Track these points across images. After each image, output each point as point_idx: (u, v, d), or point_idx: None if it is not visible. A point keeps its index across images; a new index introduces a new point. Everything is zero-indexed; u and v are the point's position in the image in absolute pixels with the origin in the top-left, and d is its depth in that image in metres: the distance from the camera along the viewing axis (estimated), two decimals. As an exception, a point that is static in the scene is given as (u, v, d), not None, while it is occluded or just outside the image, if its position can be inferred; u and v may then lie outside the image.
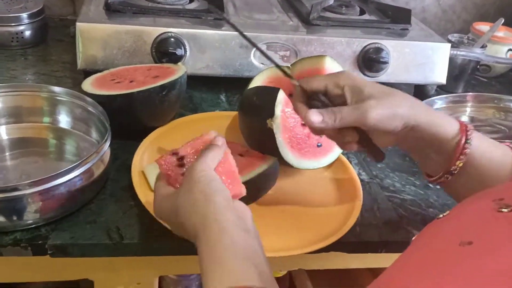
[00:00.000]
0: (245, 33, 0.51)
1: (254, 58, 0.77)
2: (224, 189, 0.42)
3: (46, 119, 0.64)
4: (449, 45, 0.84)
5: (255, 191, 0.57)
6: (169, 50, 0.72)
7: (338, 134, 0.48)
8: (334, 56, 0.79)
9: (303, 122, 0.58)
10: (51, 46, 0.89)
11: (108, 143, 0.55)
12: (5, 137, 0.63)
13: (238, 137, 0.65)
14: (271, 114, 0.57)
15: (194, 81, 0.75)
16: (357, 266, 0.62)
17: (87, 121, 0.62)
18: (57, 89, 0.63)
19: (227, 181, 0.45)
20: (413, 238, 0.41)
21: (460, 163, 0.46)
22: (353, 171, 0.65)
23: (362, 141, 0.48)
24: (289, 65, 0.61)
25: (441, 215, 0.37)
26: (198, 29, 0.75)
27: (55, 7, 0.99)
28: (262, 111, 0.57)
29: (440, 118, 0.46)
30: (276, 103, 0.57)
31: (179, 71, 0.66)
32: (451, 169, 0.47)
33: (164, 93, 0.61)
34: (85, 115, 0.62)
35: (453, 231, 0.33)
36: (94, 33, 0.71)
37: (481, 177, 0.46)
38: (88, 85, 0.63)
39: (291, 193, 0.61)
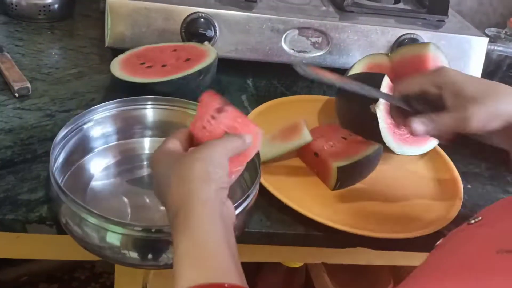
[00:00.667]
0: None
1: (285, 43, 0.75)
2: (223, 181, 0.39)
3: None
4: (487, 39, 0.81)
5: (357, 175, 0.59)
6: (199, 31, 0.70)
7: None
8: (367, 45, 0.77)
9: None
10: (77, 21, 0.88)
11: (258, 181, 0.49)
12: (147, 151, 0.58)
13: (333, 121, 0.67)
14: (375, 99, 0.56)
15: (221, 63, 0.73)
16: (380, 263, 0.61)
17: None
18: None
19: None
20: (437, 243, 0.40)
21: None
22: (448, 160, 0.65)
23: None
24: (389, 54, 0.61)
25: (472, 221, 0.35)
26: (229, 10, 0.73)
27: (83, -19, 0.98)
28: (365, 97, 0.56)
29: None
30: (381, 88, 0.56)
31: (210, 53, 0.64)
32: None
33: (201, 77, 0.60)
34: None
35: (489, 238, 0.31)
36: (124, 10, 0.70)
37: None
38: (118, 71, 0.62)
39: (387, 179, 0.61)
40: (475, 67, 0.82)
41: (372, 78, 0.58)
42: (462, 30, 0.82)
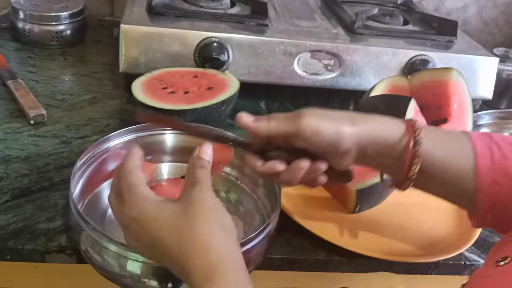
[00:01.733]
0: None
1: (298, 66, 0.75)
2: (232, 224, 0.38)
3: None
4: (497, 59, 0.81)
5: (376, 197, 0.56)
6: (213, 56, 0.70)
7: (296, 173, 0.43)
8: (379, 66, 0.77)
9: None
10: (89, 47, 0.89)
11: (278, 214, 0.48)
12: (165, 176, 0.57)
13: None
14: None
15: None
16: None
17: (259, 178, 0.54)
18: (230, 135, 0.50)
19: None
20: (463, 283, 0.38)
21: (415, 167, 0.42)
22: None
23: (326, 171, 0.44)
24: (408, 76, 0.60)
25: (501, 262, 0.33)
26: (242, 34, 0.73)
27: (93, 7, 0.99)
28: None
29: (383, 123, 0.43)
30: (407, 111, 0.55)
31: (233, 83, 0.64)
32: (409, 175, 0.42)
33: (223, 107, 0.60)
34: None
35: None
36: (138, 36, 0.70)
37: (442, 178, 0.42)
38: (140, 93, 0.62)
39: (406, 202, 0.59)
40: (486, 87, 0.82)
41: (397, 100, 0.58)
42: (471, 50, 0.83)
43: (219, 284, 0.34)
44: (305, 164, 0.43)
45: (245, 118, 0.42)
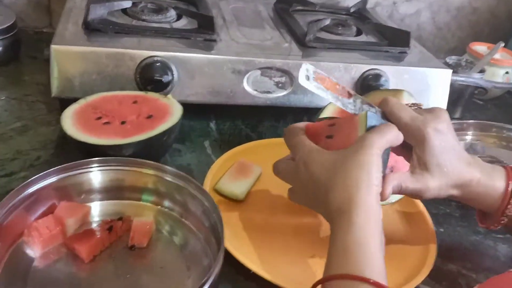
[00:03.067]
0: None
1: (248, 85, 0.72)
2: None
3: (147, 198, 0.53)
4: (450, 71, 0.80)
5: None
6: (155, 77, 0.65)
7: None
8: (331, 82, 0.74)
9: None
10: (23, 64, 0.81)
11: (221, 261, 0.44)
12: (96, 218, 0.52)
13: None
14: None
15: (181, 107, 0.69)
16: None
17: (199, 215, 0.51)
18: (168, 169, 0.52)
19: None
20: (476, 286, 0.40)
21: (502, 219, 0.50)
22: (421, 204, 0.64)
23: None
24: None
25: None
26: (187, 52, 0.69)
27: (29, 18, 0.91)
28: None
29: (487, 175, 0.49)
30: None
31: (175, 110, 0.60)
32: (500, 218, 0.50)
33: (164, 138, 0.56)
34: (198, 208, 0.51)
35: None
36: (71, 57, 0.64)
37: None
38: (70, 126, 0.56)
39: None
40: (440, 98, 0.81)
41: None
42: (425, 62, 0.81)
43: (345, 220, 0.41)
44: None
45: (388, 193, 0.47)
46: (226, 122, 0.75)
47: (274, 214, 0.58)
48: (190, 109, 0.70)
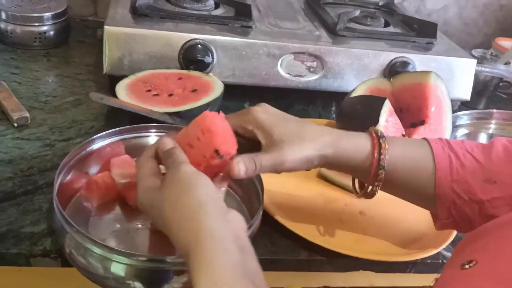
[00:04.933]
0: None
1: (281, 68, 0.77)
2: (218, 198, 0.39)
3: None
4: (475, 61, 0.84)
5: None
6: (198, 58, 0.71)
7: None
8: (360, 68, 0.78)
9: (403, 133, 0.60)
10: (72, 48, 0.88)
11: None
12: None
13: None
14: (375, 122, 0.58)
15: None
16: (382, 285, 0.62)
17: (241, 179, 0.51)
18: None
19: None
20: (432, 284, 0.39)
21: (377, 186, 0.47)
22: None
23: None
24: (390, 79, 0.64)
25: (466, 265, 0.33)
26: (226, 36, 0.74)
27: (76, 7, 0.98)
28: (365, 119, 0.57)
29: (350, 146, 0.47)
30: (381, 112, 0.57)
31: (217, 86, 0.65)
32: (373, 189, 0.48)
33: (208, 110, 0.61)
34: None
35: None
36: (122, 37, 0.70)
37: (405, 186, 0.47)
38: (125, 96, 0.62)
39: (386, 203, 0.59)
40: (464, 88, 0.84)
41: (374, 101, 0.59)
42: (450, 52, 0.85)
43: (193, 260, 0.34)
44: None
45: (241, 171, 0.44)
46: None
47: (306, 183, 0.62)
48: (226, 90, 0.75)
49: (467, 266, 0.33)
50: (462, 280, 0.32)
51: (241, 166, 0.44)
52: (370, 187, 0.48)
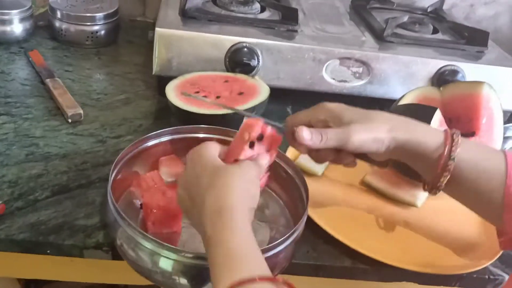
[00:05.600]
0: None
1: (326, 73, 0.76)
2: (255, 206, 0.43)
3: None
4: (528, 71, 0.80)
5: None
6: (244, 61, 0.72)
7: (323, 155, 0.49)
8: (407, 75, 0.77)
9: None
10: (122, 47, 0.91)
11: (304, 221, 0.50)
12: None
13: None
14: None
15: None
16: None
17: (286, 184, 0.56)
18: None
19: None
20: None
21: (444, 180, 0.46)
22: None
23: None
24: (440, 88, 0.63)
25: None
26: (272, 40, 0.74)
27: (125, 8, 1.01)
28: None
29: (422, 133, 0.47)
30: (431, 122, 0.57)
31: (263, 89, 0.66)
32: (437, 184, 0.47)
33: (254, 113, 0.62)
34: (283, 176, 0.56)
35: None
36: (172, 39, 0.72)
37: (471, 189, 0.46)
38: (174, 97, 0.64)
39: (433, 213, 0.61)
40: (515, 99, 0.81)
41: (424, 110, 0.58)
42: (501, 61, 0.82)
43: (223, 219, 0.38)
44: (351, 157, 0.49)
45: (305, 135, 0.47)
46: (302, 108, 0.80)
47: (349, 191, 0.62)
48: (270, 94, 0.76)
49: None
50: None
51: (306, 132, 0.46)
52: (436, 180, 0.47)
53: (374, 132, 0.46)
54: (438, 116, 0.58)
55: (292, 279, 0.53)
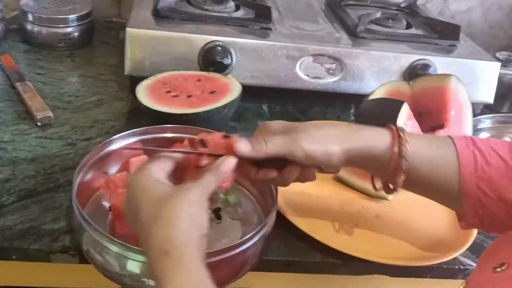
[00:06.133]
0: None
1: (300, 70, 0.76)
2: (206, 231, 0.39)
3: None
4: (499, 64, 0.82)
5: None
6: (217, 59, 0.72)
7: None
8: (380, 71, 0.78)
9: None
10: (96, 48, 0.90)
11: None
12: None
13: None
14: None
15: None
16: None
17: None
18: None
19: None
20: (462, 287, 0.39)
21: (399, 179, 0.45)
22: None
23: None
24: (410, 82, 0.64)
25: (498, 268, 0.34)
26: (246, 38, 0.74)
27: (101, 8, 1.00)
28: (383, 122, 0.57)
29: (370, 138, 0.46)
30: (399, 115, 0.57)
31: (235, 87, 0.66)
32: (396, 184, 0.46)
33: (225, 111, 0.62)
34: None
35: None
36: (144, 39, 0.72)
37: (429, 183, 0.46)
38: (144, 97, 0.63)
39: (402, 207, 0.61)
40: (488, 91, 0.82)
41: (391, 104, 0.59)
42: (473, 54, 0.83)
43: (172, 260, 0.36)
44: (296, 171, 0.46)
45: (243, 148, 0.43)
46: (278, 106, 0.81)
47: (321, 185, 0.62)
48: (245, 92, 0.76)
49: (499, 269, 0.33)
50: (494, 283, 0.32)
51: (244, 144, 0.43)
52: (393, 181, 0.46)
53: (325, 143, 0.44)
54: (405, 109, 0.58)
55: (264, 276, 0.54)
